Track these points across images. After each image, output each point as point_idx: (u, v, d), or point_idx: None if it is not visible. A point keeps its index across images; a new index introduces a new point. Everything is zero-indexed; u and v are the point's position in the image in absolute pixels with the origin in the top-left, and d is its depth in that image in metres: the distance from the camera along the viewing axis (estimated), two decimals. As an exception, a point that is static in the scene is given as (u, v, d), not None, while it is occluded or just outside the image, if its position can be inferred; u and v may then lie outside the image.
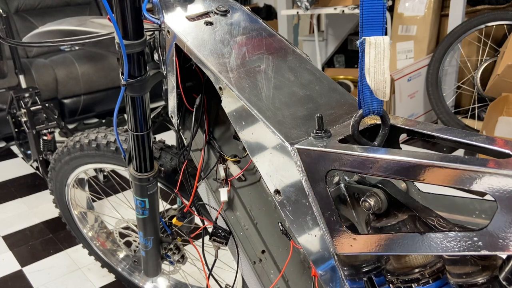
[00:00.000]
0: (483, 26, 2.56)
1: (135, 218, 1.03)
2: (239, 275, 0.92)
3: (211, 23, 0.78)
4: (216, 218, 0.87)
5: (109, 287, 1.60)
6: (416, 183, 0.61)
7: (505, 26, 2.58)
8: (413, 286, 0.55)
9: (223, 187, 0.86)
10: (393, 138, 0.60)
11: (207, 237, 0.89)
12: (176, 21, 0.77)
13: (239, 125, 0.67)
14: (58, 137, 2.63)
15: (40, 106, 2.24)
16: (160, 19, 0.79)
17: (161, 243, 1.08)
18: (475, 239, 0.45)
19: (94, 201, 1.51)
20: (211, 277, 0.92)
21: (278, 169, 0.62)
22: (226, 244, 0.82)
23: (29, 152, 2.37)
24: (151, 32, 0.81)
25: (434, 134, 0.55)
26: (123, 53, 0.72)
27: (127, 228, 1.29)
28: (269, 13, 4.46)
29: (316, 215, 0.58)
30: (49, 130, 2.23)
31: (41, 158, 2.22)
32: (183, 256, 1.15)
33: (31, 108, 2.20)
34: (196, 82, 0.90)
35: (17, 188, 2.47)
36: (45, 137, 2.22)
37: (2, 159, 2.87)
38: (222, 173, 0.87)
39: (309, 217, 0.59)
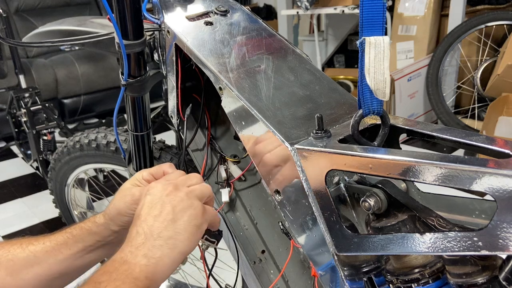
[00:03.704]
0: (483, 26, 2.56)
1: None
2: (239, 275, 0.92)
3: (211, 23, 0.78)
4: None
5: (109, 287, 1.60)
6: (416, 183, 0.61)
7: (505, 26, 2.58)
8: (413, 286, 0.55)
9: (224, 187, 0.86)
10: (393, 138, 0.60)
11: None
12: (176, 21, 0.77)
13: (239, 125, 0.67)
14: (58, 137, 2.63)
15: (40, 106, 2.24)
16: (160, 19, 0.79)
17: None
18: (475, 239, 0.45)
19: (94, 201, 1.51)
20: (211, 277, 0.91)
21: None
22: (217, 244, 0.81)
23: (29, 152, 2.37)
24: (151, 32, 0.81)
25: (434, 134, 0.55)
26: (123, 53, 0.72)
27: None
28: (269, 13, 4.46)
29: (316, 215, 0.58)
30: (49, 130, 2.23)
31: (41, 158, 2.22)
32: (183, 256, 1.15)
33: (31, 108, 2.19)
34: (196, 82, 0.90)
35: (17, 188, 2.47)
36: (45, 137, 2.22)
37: (2, 159, 2.87)
38: (223, 174, 0.86)
39: (309, 217, 0.59)
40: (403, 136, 0.60)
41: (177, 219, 0.58)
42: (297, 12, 3.20)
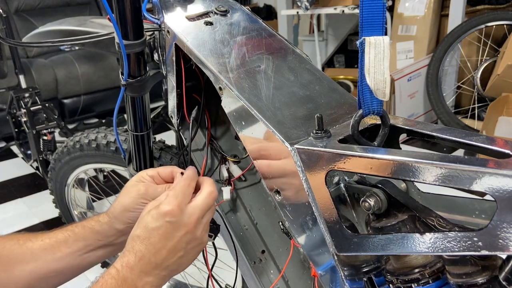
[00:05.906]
0: (483, 26, 2.56)
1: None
2: (239, 275, 0.92)
3: (211, 23, 0.78)
4: None
5: (109, 287, 1.60)
6: (416, 183, 0.61)
7: (505, 26, 2.58)
8: (413, 286, 0.55)
9: (226, 186, 0.86)
10: (393, 138, 0.60)
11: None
12: (176, 21, 0.77)
13: (239, 125, 0.67)
14: (58, 137, 2.63)
15: (40, 106, 2.24)
16: (160, 19, 0.79)
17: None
18: (475, 239, 0.45)
19: (94, 201, 1.51)
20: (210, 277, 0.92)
21: (278, 169, 0.61)
22: (214, 238, 0.81)
23: (29, 152, 2.37)
24: (151, 32, 0.81)
25: (434, 134, 0.55)
26: (123, 53, 0.72)
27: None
28: (269, 13, 4.46)
29: (316, 215, 0.58)
30: (49, 130, 2.23)
31: (41, 158, 2.22)
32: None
33: (31, 108, 2.20)
34: (196, 82, 0.90)
35: (17, 188, 2.47)
36: (45, 137, 2.22)
37: (2, 159, 2.87)
38: (225, 174, 0.86)
39: (309, 217, 0.59)
40: (403, 136, 0.60)
41: (186, 254, 0.62)
42: (297, 12, 3.20)
